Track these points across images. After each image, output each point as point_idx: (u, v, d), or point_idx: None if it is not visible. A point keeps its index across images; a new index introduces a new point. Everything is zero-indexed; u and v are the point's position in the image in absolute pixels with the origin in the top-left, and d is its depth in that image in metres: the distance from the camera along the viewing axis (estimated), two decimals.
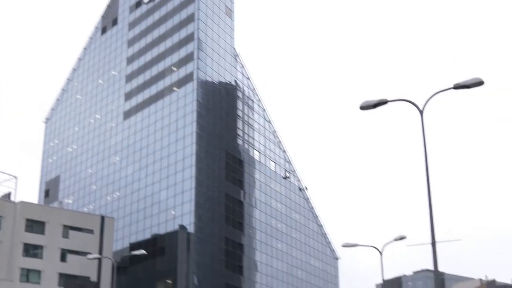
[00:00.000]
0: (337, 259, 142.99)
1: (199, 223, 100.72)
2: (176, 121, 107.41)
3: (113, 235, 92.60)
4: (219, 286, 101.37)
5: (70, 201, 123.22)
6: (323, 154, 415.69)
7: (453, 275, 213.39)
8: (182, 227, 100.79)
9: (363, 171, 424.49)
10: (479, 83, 24.15)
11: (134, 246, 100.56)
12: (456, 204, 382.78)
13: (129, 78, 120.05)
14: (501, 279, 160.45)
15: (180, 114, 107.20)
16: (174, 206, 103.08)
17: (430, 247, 24.50)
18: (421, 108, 25.15)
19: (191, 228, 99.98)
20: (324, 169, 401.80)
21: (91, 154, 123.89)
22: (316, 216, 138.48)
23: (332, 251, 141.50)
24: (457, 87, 24.52)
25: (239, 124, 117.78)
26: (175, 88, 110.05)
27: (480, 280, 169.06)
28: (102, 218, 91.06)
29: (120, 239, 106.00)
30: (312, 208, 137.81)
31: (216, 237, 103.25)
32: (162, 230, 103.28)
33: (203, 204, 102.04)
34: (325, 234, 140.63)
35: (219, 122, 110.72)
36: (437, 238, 24.21)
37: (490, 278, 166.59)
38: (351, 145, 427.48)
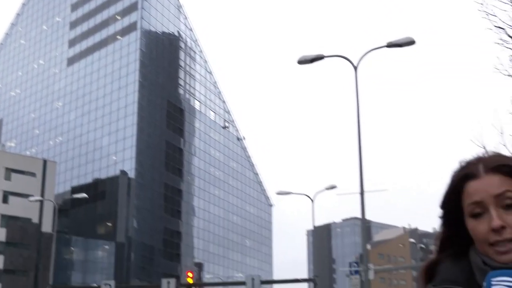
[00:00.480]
0: (271, 206, 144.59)
1: (140, 168, 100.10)
2: (119, 69, 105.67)
3: (55, 178, 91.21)
4: (157, 229, 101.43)
5: (13, 144, 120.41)
6: (261, 106, 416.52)
7: (379, 223, 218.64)
8: (123, 172, 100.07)
9: (299, 123, 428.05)
10: (411, 42, 24.41)
11: (75, 189, 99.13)
12: (384, 156, 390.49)
13: (73, 25, 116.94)
14: (422, 227, 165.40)
15: (123, 62, 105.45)
16: (115, 152, 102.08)
17: (358, 196, 24.73)
18: (355, 64, 25.39)
19: (131, 174, 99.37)
20: (262, 120, 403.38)
21: (34, 99, 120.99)
22: (253, 165, 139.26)
23: (267, 198, 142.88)
24: (390, 45, 24.73)
25: (181, 74, 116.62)
26: (118, 37, 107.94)
27: (404, 228, 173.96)
28: (45, 161, 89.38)
29: (62, 182, 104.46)
30: (249, 157, 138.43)
31: (156, 182, 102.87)
32: (103, 175, 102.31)
33: (144, 151, 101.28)
34: (261, 182, 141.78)
35: (162, 71, 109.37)
36: (365, 188, 24.45)
37: (413, 226, 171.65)
38: (288, 98, 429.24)
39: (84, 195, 57.00)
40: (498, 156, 1.84)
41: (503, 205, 1.75)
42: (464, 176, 1.82)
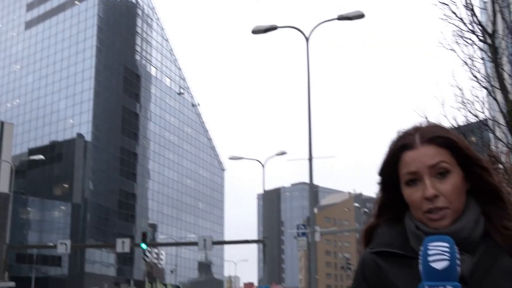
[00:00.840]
0: (223, 170, 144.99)
1: (96, 132, 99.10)
2: (77, 34, 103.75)
3: (12, 140, 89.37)
4: (113, 191, 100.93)
5: None
6: (216, 74, 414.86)
7: (326, 188, 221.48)
8: (80, 135, 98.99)
9: (252, 91, 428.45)
10: (360, 15, 24.69)
11: (32, 151, 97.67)
12: (333, 124, 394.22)
13: None
14: (367, 193, 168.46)
15: (81, 27, 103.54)
16: (72, 115, 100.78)
17: (307, 162, 25.04)
18: (307, 35, 25.57)
19: (88, 137, 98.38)
20: (216, 87, 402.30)
21: None
22: (207, 131, 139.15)
23: (220, 163, 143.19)
24: (341, 18, 24.96)
25: (138, 40, 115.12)
26: (76, 2, 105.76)
27: (349, 193, 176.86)
28: (2, 123, 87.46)
29: (19, 144, 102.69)
30: (203, 123, 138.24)
31: (112, 146, 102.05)
32: (60, 138, 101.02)
33: (100, 115, 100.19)
34: (214, 147, 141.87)
35: (119, 37, 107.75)
36: (313, 155, 24.76)
37: (358, 192, 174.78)
38: (242, 66, 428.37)
39: (41, 157, 56.35)
40: (434, 127, 1.86)
41: (437, 175, 1.78)
42: (402, 146, 1.84)
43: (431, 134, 1.83)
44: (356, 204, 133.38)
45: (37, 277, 79.02)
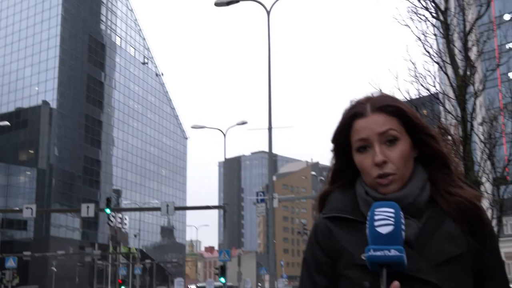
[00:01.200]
0: (186, 138, 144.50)
1: (61, 99, 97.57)
2: (43, 3, 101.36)
3: None
4: (78, 157, 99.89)
5: None
6: (180, 44, 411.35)
7: (284, 157, 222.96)
8: (45, 103, 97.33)
9: (215, 62, 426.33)
10: None
11: None
12: (292, 95, 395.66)
13: None
14: (323, 162, 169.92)
15: None
16: (38, 82, 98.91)
17: (266, 132, 25.14)
18: (268, 9, 25.60)
19: (53, 104, 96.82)
20: (180, 58, 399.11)
21: None
22: (170, 100, 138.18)
23: (182, 131, 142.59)
24: None
25: (103, 10, 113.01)
26: None
27: (306, 162, 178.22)
28: None
29: None
30: (167, 92, 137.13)
31: (77, 113, 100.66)
32: (25, 104, 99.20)
33: (66, 83, 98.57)
34: (177, 116, 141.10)
35: (84, 6, 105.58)
36: (273, 125, 24.84)
37: (315, 161, 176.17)
38: (205, 37, 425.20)
39: (6, 123, 55.24)
40: (384, 97, 1.88)
41: (386, 142, 1.81)
42: (353, 114, 1.85)
43: (381, 103, 1.84)
44: (313, 173, 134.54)
45: (2, 240, 78.45)
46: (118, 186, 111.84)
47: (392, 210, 1.70)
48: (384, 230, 1.68)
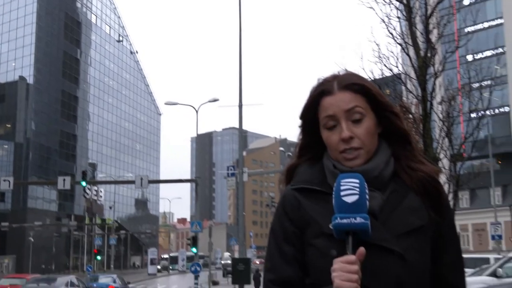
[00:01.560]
0: (160, 114, 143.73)
1: (38, 75, 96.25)
2: None
3: None
4: (54, 131, 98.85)
5: None
6: (154, 22, 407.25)
7: (254, 133, 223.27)
8: (22, 78, 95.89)
9: (187, 40, 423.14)
10: None
11: None
12: (262, 74, 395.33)
13: None
14: (291, 138, 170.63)
15: None
16: (14, 58, 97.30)
17: (237, 109, 25.37)
18: None
19: (30, 80, 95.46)
20: (154, 35, 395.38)
21: None
22: (144, 77, 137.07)
23: (156, 107, 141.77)
24: None
25: None
26: None
27: (275, 138, 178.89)
28: None
29: None
30: (141, 69, 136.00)
31: (53, 89, 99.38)
32: (3, 80, 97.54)
33: (42, 59, 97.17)
34: (151, 92, 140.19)
35: None
36: (243, 102, 25.11)
37: (283, 137, 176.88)
38: (179, 15, 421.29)
39: None
40: (350, 75, 1.90)
41: (352, 118, 1.82)
42: (321, 92, 1.87)
43: (347, 81, 1.85)
44: (281, 148, 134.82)
45: None
46: (94, 160, 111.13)
47: (357, 181, 1.71)
48: (349, 199, 1.69)
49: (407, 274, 1.75)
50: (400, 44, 14.93)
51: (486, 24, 59.42)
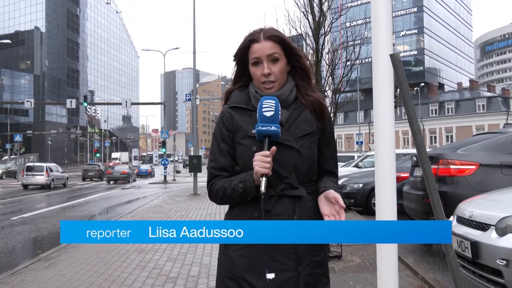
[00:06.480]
0: (138, 57, 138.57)
1: (49, 26, 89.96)
2: None
3: None
4: (63, 67, 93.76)
5: None
6: None
7: (204, 71, 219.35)
8: (37, 28, 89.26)
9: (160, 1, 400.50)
10: None
11: (1, 37, 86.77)
12: (211, 27, 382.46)
13: None
14: (230, 76, 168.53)
15: None
16: (30, 13, 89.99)
17: (192, 54, 24.66)
18: None
19: (43, 29, 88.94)
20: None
21: None
22: (126, 30, 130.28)
23: (135, 52, 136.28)
24: None
25: None
26: None
27: (219, 75, 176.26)
28: None
29: None
30: (124, 24, 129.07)
31: (60, 36, 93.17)
32: (22, 29, 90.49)
33: (51, 14, 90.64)
34: (132, 42, 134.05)
35: None
36: (196, 49, 24.40)
37: (224, 74, 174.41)
38: None
39: (8, 41, 50.65)
40: (272, 30, 1.86)
41: (271, 60, 1.81)
42: (251, 39, 1.83)
43: (270, 34, 1.82)
44: (222, 83, 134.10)
45: (12, 123, 74.92)
46: (92, 88, 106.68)
47: (273, 101, 1.73)
48: (268, 114, 1.71)
49: (301, 162, 1.78)
50: (303, 12, 14.78)
51: (359, 2, 59.29)
